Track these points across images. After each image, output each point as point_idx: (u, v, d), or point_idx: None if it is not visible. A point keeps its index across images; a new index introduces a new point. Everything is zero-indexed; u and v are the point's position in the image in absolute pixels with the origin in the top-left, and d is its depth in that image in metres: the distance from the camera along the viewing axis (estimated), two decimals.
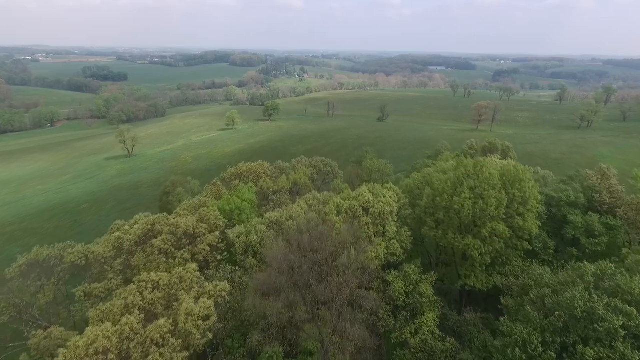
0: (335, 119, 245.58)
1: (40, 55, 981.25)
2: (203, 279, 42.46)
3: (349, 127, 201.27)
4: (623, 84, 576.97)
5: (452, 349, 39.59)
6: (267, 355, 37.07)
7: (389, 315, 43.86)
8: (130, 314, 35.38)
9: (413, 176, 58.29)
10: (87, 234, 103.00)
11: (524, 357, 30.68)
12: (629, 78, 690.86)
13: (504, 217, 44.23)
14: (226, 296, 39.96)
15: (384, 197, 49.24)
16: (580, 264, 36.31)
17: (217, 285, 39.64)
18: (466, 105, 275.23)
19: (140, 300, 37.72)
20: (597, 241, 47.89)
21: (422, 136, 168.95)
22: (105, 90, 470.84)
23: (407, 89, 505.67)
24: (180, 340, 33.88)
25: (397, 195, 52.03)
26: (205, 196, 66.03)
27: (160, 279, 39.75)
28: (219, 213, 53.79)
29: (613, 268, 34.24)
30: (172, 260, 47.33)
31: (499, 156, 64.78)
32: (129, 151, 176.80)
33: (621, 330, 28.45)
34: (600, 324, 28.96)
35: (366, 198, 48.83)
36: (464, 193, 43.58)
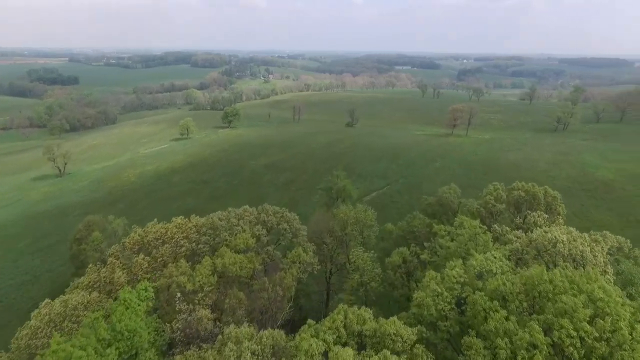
0: (301, 124, 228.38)
1: None
2: None
3: (316, 133, 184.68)
4: (580, 81, 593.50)
5: None
6: None
7: None
8: None
9: (430, 285, 32.98)
10: None
11: None
12: (584, 76, 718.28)
13: None
14: None
15: None
16: None
17: None
18: (437, 107, 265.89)
19: None
20: None
21: (396, 143, 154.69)
22: (51, 95, 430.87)
23: (374, 90, 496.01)
24: None
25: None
26: (85, 285, 41.39)
27: None
28: None
29: None
30: None
31: (543, 213, 47.82)
32: (60, 170, 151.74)
33: None
34: None
35: None
36: None
